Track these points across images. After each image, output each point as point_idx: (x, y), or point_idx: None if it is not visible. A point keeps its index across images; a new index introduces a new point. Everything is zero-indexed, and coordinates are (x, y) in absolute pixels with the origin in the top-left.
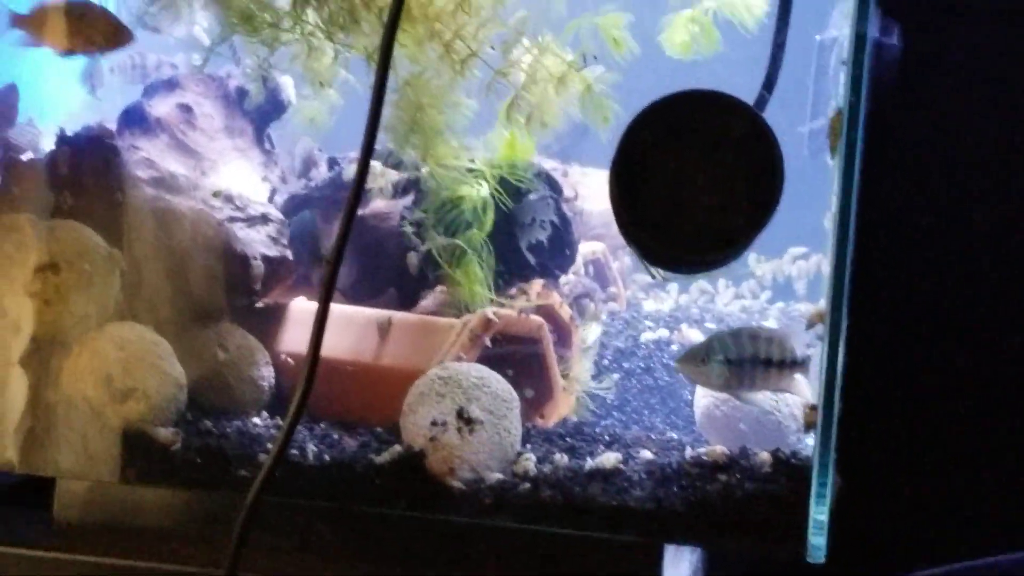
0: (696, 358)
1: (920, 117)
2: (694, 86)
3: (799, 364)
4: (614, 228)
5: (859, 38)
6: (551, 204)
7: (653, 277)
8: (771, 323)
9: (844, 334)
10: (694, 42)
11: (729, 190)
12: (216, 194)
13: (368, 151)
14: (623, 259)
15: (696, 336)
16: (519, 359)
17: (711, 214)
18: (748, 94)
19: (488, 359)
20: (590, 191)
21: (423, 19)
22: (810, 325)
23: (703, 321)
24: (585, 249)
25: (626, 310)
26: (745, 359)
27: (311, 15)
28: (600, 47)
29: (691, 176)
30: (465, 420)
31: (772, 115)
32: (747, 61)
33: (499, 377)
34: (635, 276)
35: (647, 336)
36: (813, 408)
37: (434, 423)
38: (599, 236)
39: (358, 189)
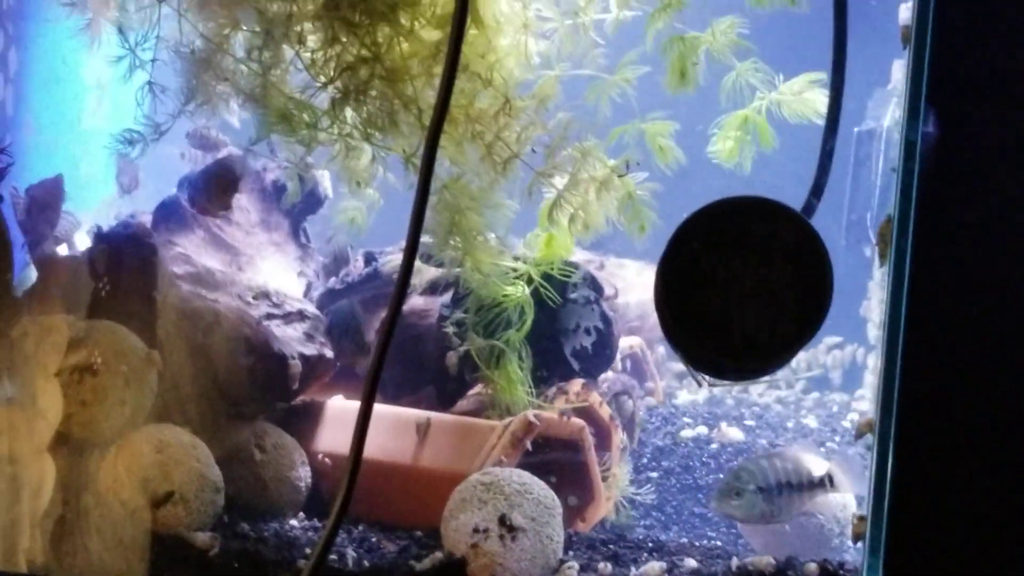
0: (730, 493)
1: (957, 203)
2: (741, 188)
3: (819, 485)
4: (650, 320)
5: (910, 145)
6: (595, 309)
7: (699, 384)
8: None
9: (894, 443)
10: (742, 147)
11: (778, 298)
12: (256, 296)
13: (412, 252)
14: (658, 350)
15: (736, 434)
16: (560, 463)
17: (760, 322)
18: (791, 196)
19: (529, 463)
20: (626, 283)
21: (464, 120)
22: (859, 435)
23: (742, 418)
24: (622, 344)
25: (663, 404)
26: (772, 486)
27: (349, 115)
28: (644, 152)
29: (740, 283)
30: (507, 527)
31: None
32: (791, 161)
33: (541, 483)
34: (669, 365)
35: (686, 433)
36: (862, 519)
37: (476, 530)
38: (635, 329)
39: (401, 290)
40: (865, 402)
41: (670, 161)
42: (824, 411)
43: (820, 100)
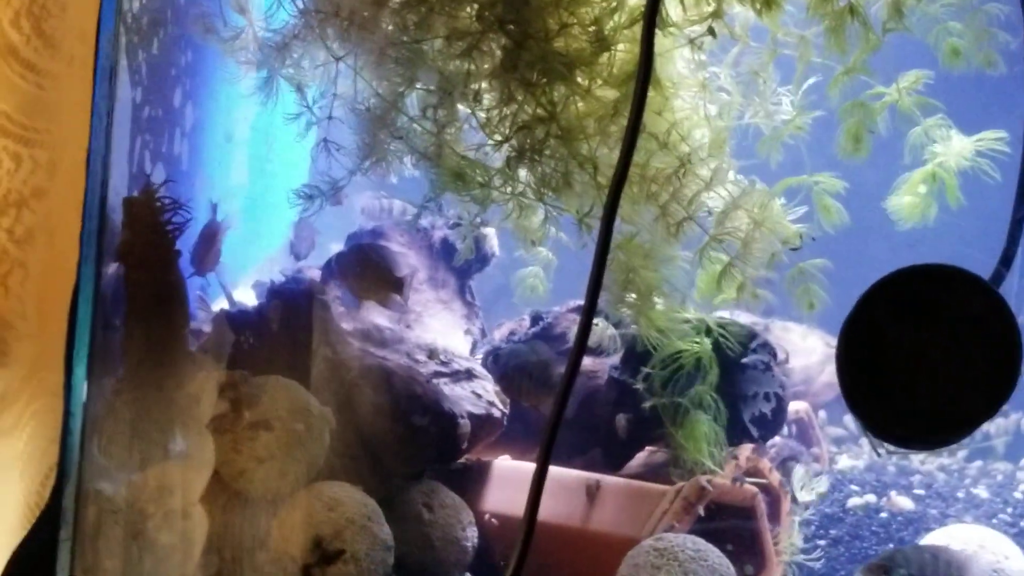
0: (878, 570)
1: None
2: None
3: None
4: (814, 385)
5: None
6: (775, 376)
7: (879, 455)
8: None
9: None
10: (925, 205)
11: (966, 369)
12: (432, 355)
13: (591, 311)
14: (820, 415)
15: (905, 503)
16: (733, 531)
17: (947, 393)
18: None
19: (702, 529)
20: (791, 347)
21: (639, 181)
22: None
23: (910, 487)
24: (789, 408)
25: (829, 470)
26: None
27: (523, 175)
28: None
29: (926, 354)
30: None
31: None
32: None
33: (716, 551)
34: (827, 428)
35: (854, 501)
36: None
37: None
38: (800, 394)
39: (580, 348)
40: None
41: (834, 221)
42: (990, 480)
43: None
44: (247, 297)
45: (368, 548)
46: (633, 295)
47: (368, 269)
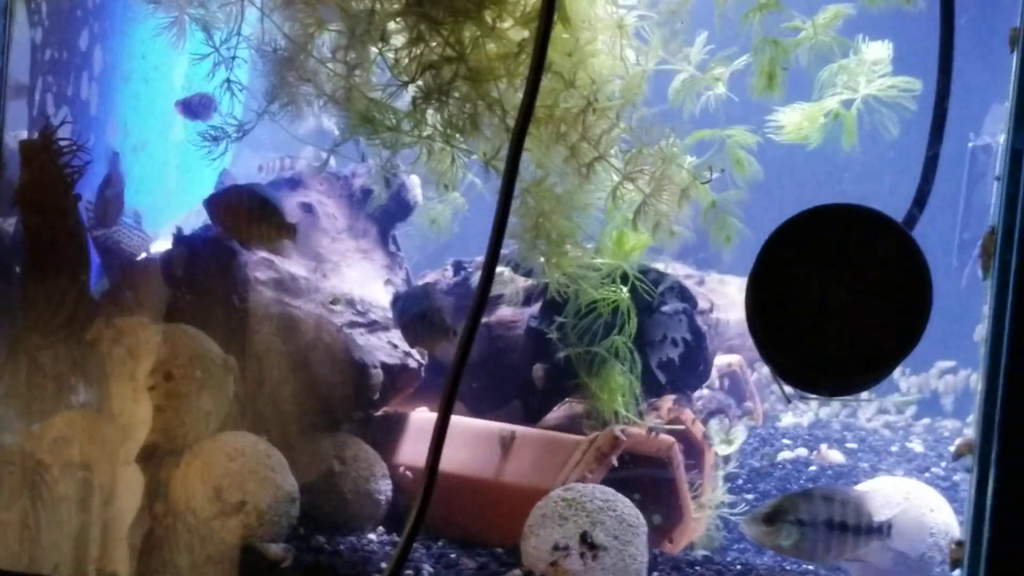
0: (763, 518)
1: None
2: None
3: (876, 531)
4: (751, 339)
5: (1015, 154)
6: (683, 320)
7: (788, 400)
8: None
9: (996, 465)
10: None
11: (875, 311)
12: (335, 301)
13: (494, 256)
14: (760, 371)
15: (836, 457)
16: (647, 481)
17: (855, 335)
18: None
19: (615, 480)
20: (727, 300)
21: (548, 121)
22: (957, 456)
23: (844, 441)
24: (720, 361)
25: (763, 425)
26: (818, 521)
27: (431, 117)
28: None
29: (834, 295)
30: (589, 545)
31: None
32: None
33: (626, 500)
34: (773, 388)
35: (785, 455)
36: (959, 545)
37: (556, 547)
38: (735, 347)
39: (483, 295)
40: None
41: (747, 175)
42: (933, 437)
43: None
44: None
45: (271, 500)
46: (544, 242)
47: (253, 213)
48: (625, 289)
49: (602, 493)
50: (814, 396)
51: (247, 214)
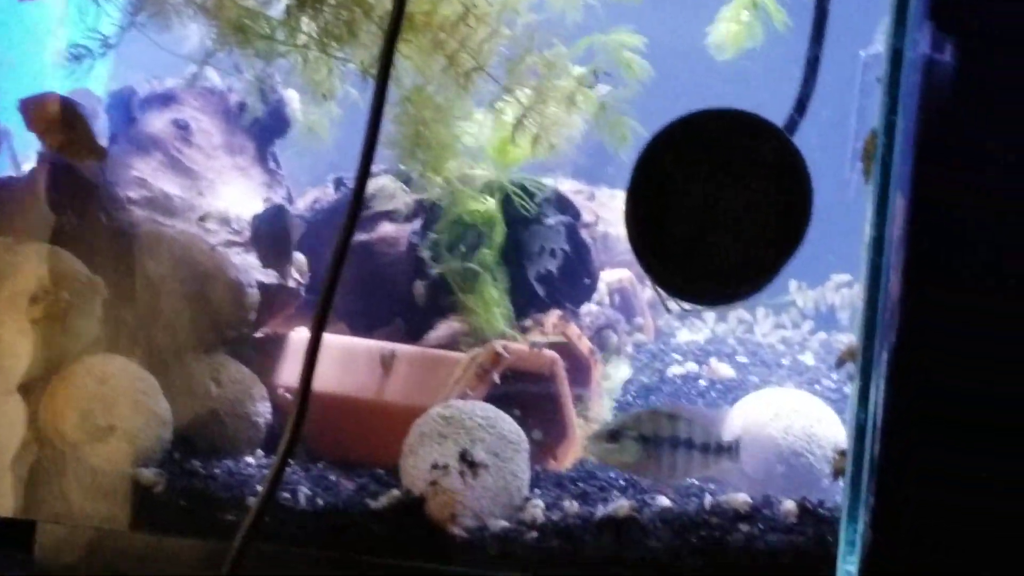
0: (606, 435)
1: (977, 137)
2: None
3: (726, 451)
4: None
5: (895, 54)
6: (562, 231)
7: (668, 310)
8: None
9: (884, 371)
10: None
11: (755, 219)
12: (203, 218)
13: (366, 168)
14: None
15: (726, 371)
16: (530, 398)
17: (735, 244)
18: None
19: (497, 397)
20: (617, 215)
21: (426, 28)
22: (840, 363)
23: (735, 355)
24: (610, 277)
25: (655, 341)
26: (662, 439)
27: (306, 25)
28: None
29: (714, 203)
30: (468, 463)
31: (821, 134)
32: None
33: (506, 417)
34: (668, 303)
35: (675, 370)
36: (842, 454)
37: (435, 466)
38: (626, 263)
39: (355, 208)
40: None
41: (638, 76)
42: (827, 351)
43: None
44: None
45: (142, 424)
46: (423, 152)
47: (65, 124)
48: (492, 200)
49: (482, 410)
50: (695, 307)
51: (59, 124)
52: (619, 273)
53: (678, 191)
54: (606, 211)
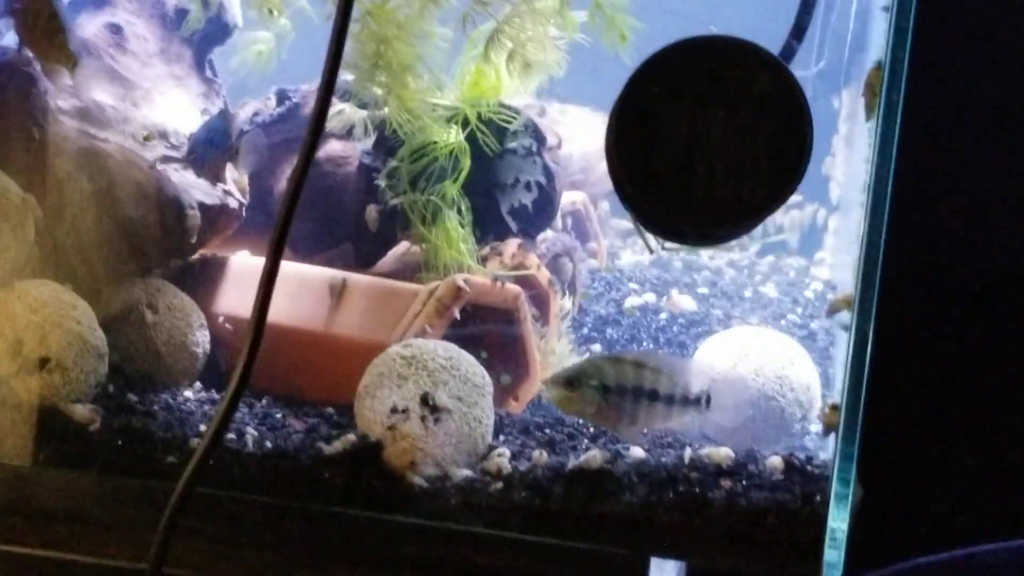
0: (563, 381)
1: (955, 50)
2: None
3: (693, 403)
4: (594, 174)
5: None
6: (537, 161)
7: (651, 250)
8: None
9: (876, 321)
10: None
11: (749, 154)
12: (148, 138)
13: (328, 89)
14: (601, 206)
15: (688, 303)
16: (492, 335)
17: (727, 181)
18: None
19: (457, 334)
20: (569, 132)
21: None
22: (832, 311)
23: (694, 284)
24: (564, 200)
25: (607, 268)
26: (625, 388)
27: None
28: None
29: (706, 136)
30: (430, 408)
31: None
32: None
33: (471, 358)
34: (612, 223)
35: (632, 301)
36: (834, 408)
37: (394, 410)
38: (578, 183)
39: (316, 130)
40: (825, 268)
41: None
42: (781, 277)
43: None
44: None
45: (76, 355)
46: (383, 73)
47: (43, 23)
48: (456, 131)
49: (444, 351)
50: (679, 246)
51: (40, 23)
52: (573, 195)
53: (667, 122)
54: (559, 128)
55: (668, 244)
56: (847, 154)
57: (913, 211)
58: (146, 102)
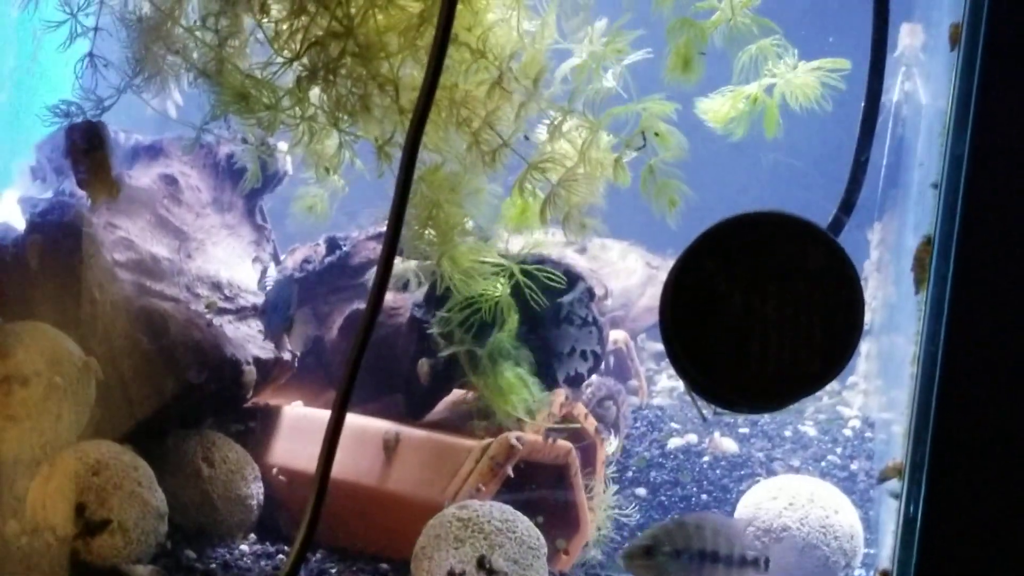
0: (641, 552)
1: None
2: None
3: (749, 563)
4: (634, 310)
5: (955, 159)
6: (593, 333)
7: (704, 418)
8: None
9: (926, 490)
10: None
11: (802, 329)
12: (210, 305)
13: (392, 246)
14: (641, 344)
15: (729, 445)
16: (545, 494)
17: (780, 356)
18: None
19: (512, 496)
20: (610, 269)
21: (448, 104)
22: (883, 479)
23: (735, 424)
24: None
25: (647, 403)
26: (693, 551)
27: (316, 96)
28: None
29: (758, 311)
30: (487, 571)
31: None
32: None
33: (526, 520)
34: (644, 346)
35: (674, 442)
36: (885, 574)
37: (451, 573)
38: (618, 319)
39: (381, 287)
40: (859, 393)
41: (671, 146)
42: (817, 404)
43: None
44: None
45: (138, 517)
46: (433, 232)
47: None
48: (504, 285)
49: (500, 512)
50: (731, 412)
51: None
52: (614, 335)
53: (720, 297)
54: (598, 264)
55: (719, 409)
56: (879, 279)
57: (970, 371)
58: (200, 253)
